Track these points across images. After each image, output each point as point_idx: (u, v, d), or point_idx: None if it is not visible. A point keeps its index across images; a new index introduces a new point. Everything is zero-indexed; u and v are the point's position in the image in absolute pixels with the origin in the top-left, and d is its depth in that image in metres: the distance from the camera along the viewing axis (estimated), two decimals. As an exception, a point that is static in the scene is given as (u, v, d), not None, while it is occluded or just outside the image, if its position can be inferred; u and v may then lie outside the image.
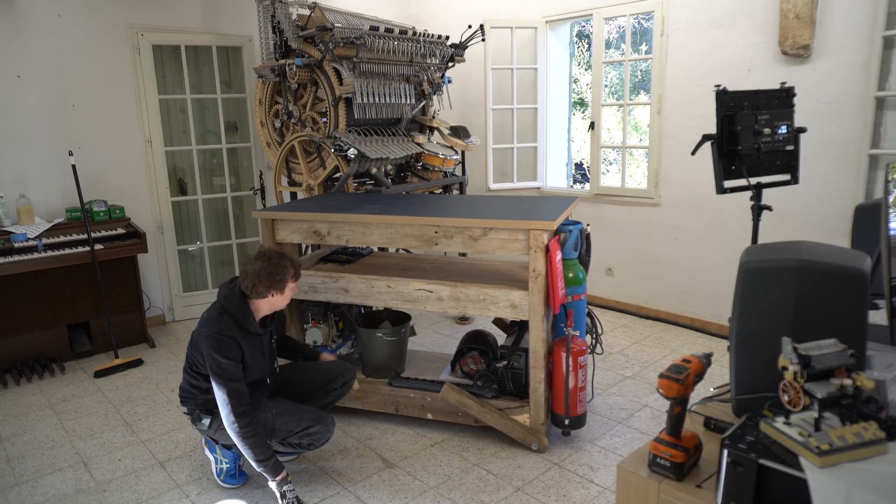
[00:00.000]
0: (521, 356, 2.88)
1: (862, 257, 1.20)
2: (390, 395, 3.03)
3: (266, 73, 4.03)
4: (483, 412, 2.82)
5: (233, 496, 2.57)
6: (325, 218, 2.96)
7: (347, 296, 2.97)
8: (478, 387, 2.95)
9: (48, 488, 2.66)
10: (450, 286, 2.79)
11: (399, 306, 2.91)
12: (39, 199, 4.10)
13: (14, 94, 3.95)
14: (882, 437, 1.00)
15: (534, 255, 2.62)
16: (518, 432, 2.80)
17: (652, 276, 4.56)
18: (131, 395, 3.57)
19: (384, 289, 2.90)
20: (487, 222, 2.68)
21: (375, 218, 2.83)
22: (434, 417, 3.00)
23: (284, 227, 3.06)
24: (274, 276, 2.40)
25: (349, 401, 3.05)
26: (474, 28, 4.45)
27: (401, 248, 3.44)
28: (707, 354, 1.25)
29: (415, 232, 2.82)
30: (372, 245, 2.98)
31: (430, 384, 3.02)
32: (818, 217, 3.65)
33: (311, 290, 3.03)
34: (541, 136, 5.26)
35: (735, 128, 2.80)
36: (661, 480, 1.17)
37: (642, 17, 6.35)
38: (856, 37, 3.36)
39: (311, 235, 3.02)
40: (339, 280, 2.97)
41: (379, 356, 3.12)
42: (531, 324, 2.70)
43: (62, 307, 4.03)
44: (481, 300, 2.75)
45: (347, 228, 2.94)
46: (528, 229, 2.61)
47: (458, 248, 2.76)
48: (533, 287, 2.65)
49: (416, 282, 2.85)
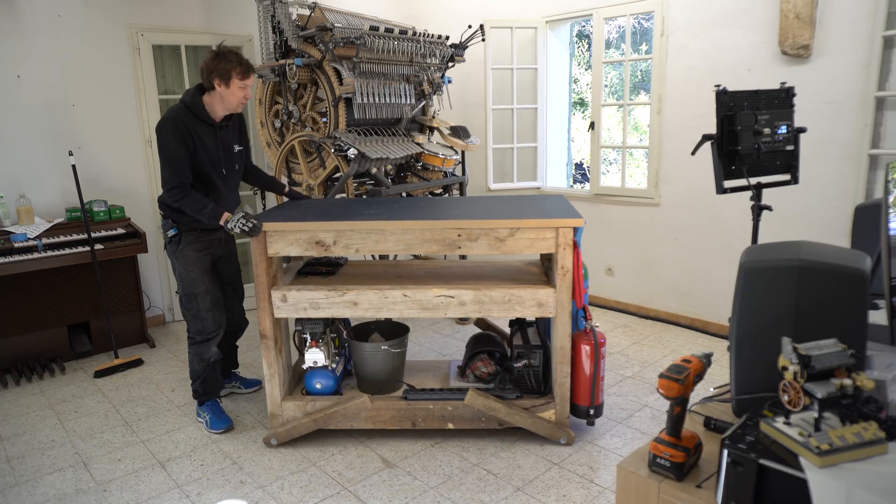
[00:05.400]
0: (538, 353, 2.91)
1: (862, 257, 1.20)
2: (406, 409, 2.86)
3: (266, 73, 4.03)
4: (511, 413, 2.80)
5: (233, 495, 2.57)
6: (331, 227, 2.68)
7: (356, 309, 2.76)
8: (500, 388, 2.92)
9: (48, 488, 2.66)
10: (473, 290, 2.71)
11: (417, 315, 2.77)
12: (39, 199, 4.10)
13: (14, 94, 3.95)
14: (882, 437, 1.00)
15: (563, 252, 2.66)
16: (546, 429, 2.84)
17: (652, 276, 4.56)
18: (131, 395, 3.57)
19: (400, 298, 2.73)
20: (515, 222, 2.64)
21: (391, 224, 2.65)
22: (455, 427, 2.88)
23: (280, 238, 2.70)
24: (219, 64, 2.73)
25: (360, 422, 2.87)
26: (474, 28, 4.45)
27: (418, 254, 3.26)
28: (707, 354, 1.25)
29: (435, 236, 2.67)
30: (387, 252, 2.77)
31: (451, 393, 2.90)
32: (818, 217, 3.65)
33: (312, 307, 2.77)
34: (541, 136, 5.26)
35: (735, 128, 2.80)
36: (661, 480, 1.17)
37: (642, 17, 6.35)
38: (856, 37, 3.36)
39: (312, 247, 2.70)
40: (347, 293, 2.74)
41: (382, 370, 2.99)
42: (559, 320, 2.73)
43: (62, 307, 4.03)
44: (507, 301, 2.72)
45: (358, 237, 2.69)
46: (558, 227, 2.64)
47: (483, 251, 2.68)
48: (561, 284, 2.69)
49: (436, 288, 2.73)
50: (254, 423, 3.18)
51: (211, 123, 2.87)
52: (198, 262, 2.99)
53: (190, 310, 3.02)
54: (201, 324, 3.03)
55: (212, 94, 2.84)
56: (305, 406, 2.89)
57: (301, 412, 2.90)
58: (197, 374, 3.10)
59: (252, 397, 3.49)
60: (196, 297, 2.99)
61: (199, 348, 3.05)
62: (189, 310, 3.02)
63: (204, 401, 3.16)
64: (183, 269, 2.98)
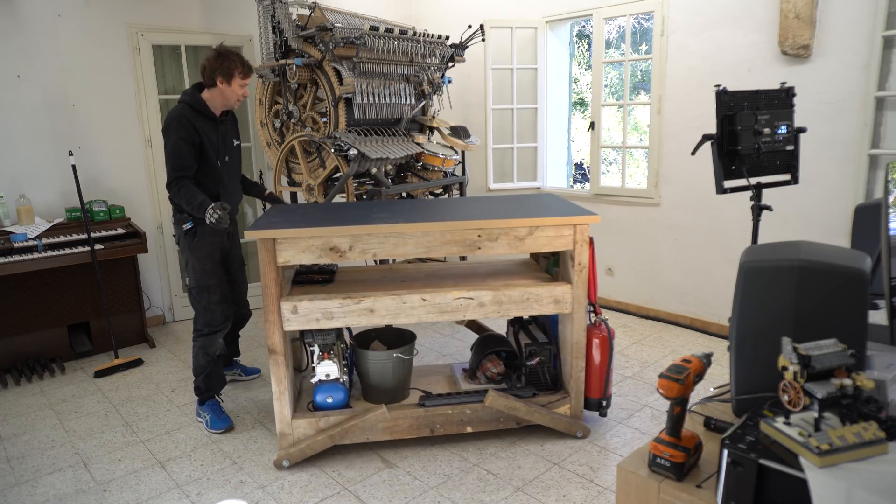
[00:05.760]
0: (549, 350, 2.95)
1: (862, 257, 1.20)
2: (424, 416, 2.79)
3: (266, 73, 4.02)
4: (531, 412, 2.83)
5: (233, 495, 2.57)
6: (346, 231, 2.55)
7: (373, 317, 2.65)
8: (515, 388, 2.93)
9: (48, 488, 2.66)
10: (492, 290, 2.71)
11: (436, 319, 2.70)
12: (39, 199, 4.10)
13: (14, 94, 3.95)
14: (882, 437, 1.00)
15: (580, 248, 2.71)
16: (564, 424, 2.89)
17: (652, 276, 4.56)
18: (131, 395, 3.57)
19: (418, 302, 2.66)
20: (534, 221, 2.67)
21: (410, 227, 2.59)
22: (474, 430, 2.86)
23: (290, 246, 2.55)
24: (222, 63, 2.88)
25: (376, 434, 2.78)
26: (474, 28, 4.45)
27: (438, 256, 3.12)
28: (707, 354, 1.25)
29: (455, 237, 2.64)
30: (406, 256, 2.70)
31: (468, 396, 2.86)
32: (818, 217, 3.65)
33: (325, 317, 2.63)
34: (541, 136, 5.26)
35: (735, 128, 2.80)
36: (661, 480, 1.17)
37: (642, 17, 6.35)
38: (856, 37, 3.36)
39: (326, 253, 2.58)
40: (363, 301, 2.63)
41: (392, 378, 2.89)
42: (575, 315, 2.78)
43: (62, 307, 4.03)
44: (525, 300, 2.74)
45: (375, 241, 2.60)
46: (575, 224, 2.69)
47: (503, 250, 2.70)
48: (577, 280, 2.75)
49: (456, 290, 2.70)
50: (254, 423, 3.18)
51: (212, 118, 3.02)
52: (211, 255, 3.08)
53: (201, 301, 3.08)
54: (210, 316, 3.08)
55: (212, 90, 2.98)
56: (318, 422, 2.74)
57: (313, 429, 2.74)
58: (201, 370, 3.11)
59: (252, 397, 3.49)
60: (208, 288, 3.07)
61: (205, 341, 3.08)
62: (200, 301, 3.09)
63: (205, 399, 3.17)
64: (197, 261, 3.05)
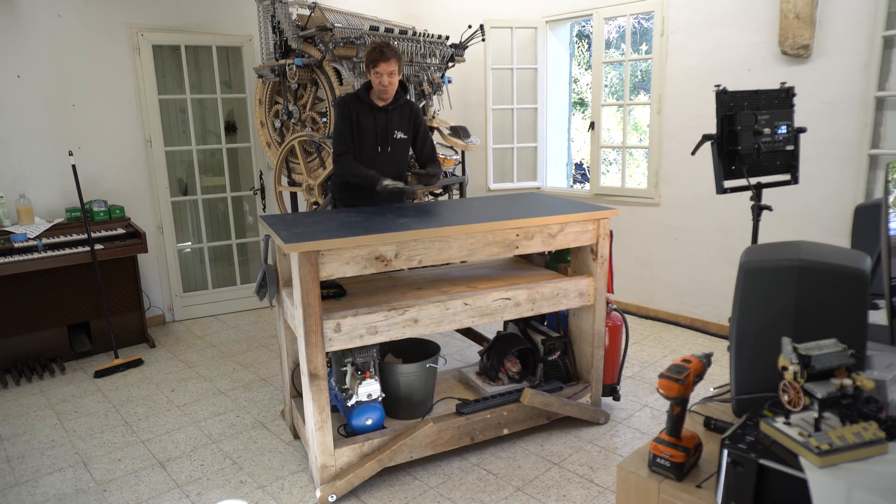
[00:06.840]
0: (565, 343, 3.04)
1: (862, 257, 1.20)
2: (465, 425, 2.72)
3: (266, 73, 4.03)
4: (563, 405, 2.91)
5: (233, 495, 2.57)
6: (392, 238, 2.43)
7: (417, 327, 2.54)
8: (544, 383, 2.99)
9: (48, 488, 2.66)
10: (527, 289, 2.76)
11: (476, 322, 2.66)
12: (39, 199, 4.10)
13: (14, 94, 3.95)
14: (882, 437, 1.00)
15: (602, 242, 2.82)
16: (589, 413, 3.01)
17: (652, 276, 4.56)
18: (131, 395, 3.57)
19: (461, 307, 2.62)
20: (563, 218, 2.75)
21: (455, 230, 2.54)
22: (510, 431, 2.85)
23: (335, 257, 2.36)
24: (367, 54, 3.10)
25: (419, 449, 2.64)
26: (474, 28, 4.45)
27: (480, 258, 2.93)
28: (707, 354, 1.25)
29: (496, 238, 2.64)
30: (451, 261, 2.65)
31: (503, 398, 2.84)
32: (818, 217, 3.65)
33: (369, 332, 2.46)
34: (541, 136, 5.26)
35: (735, 128, 2.80)
36: (661, 480, 1.17)
37: (642, 17, 6.35)
38: (856, 37, 3.36)
39: (371, 263, 2.44)
40: (407, 311, 2.51)
41: (420, 390, 2.82)
42: (596, 307, 2.89)
43: (62, 307, 4.03)
44: (555, 296, 2.82)
45: (421, 247, 2.52)
46: (598, 219, 2.81)
47: (537, 248, 2.76)
48: (599, 272, 2.87)
49: (496, 292, 2.69)
50: (254, 423, 3.18)
51: (371, 106, 3.18)
52: None
53: None
54: None
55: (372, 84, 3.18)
56: (361, 448, 2.55)
57: (356, 455, 2.55)
58: None
59: (252, 397, 3.49)
60: None
61: None
62: None
63: None
64: None
